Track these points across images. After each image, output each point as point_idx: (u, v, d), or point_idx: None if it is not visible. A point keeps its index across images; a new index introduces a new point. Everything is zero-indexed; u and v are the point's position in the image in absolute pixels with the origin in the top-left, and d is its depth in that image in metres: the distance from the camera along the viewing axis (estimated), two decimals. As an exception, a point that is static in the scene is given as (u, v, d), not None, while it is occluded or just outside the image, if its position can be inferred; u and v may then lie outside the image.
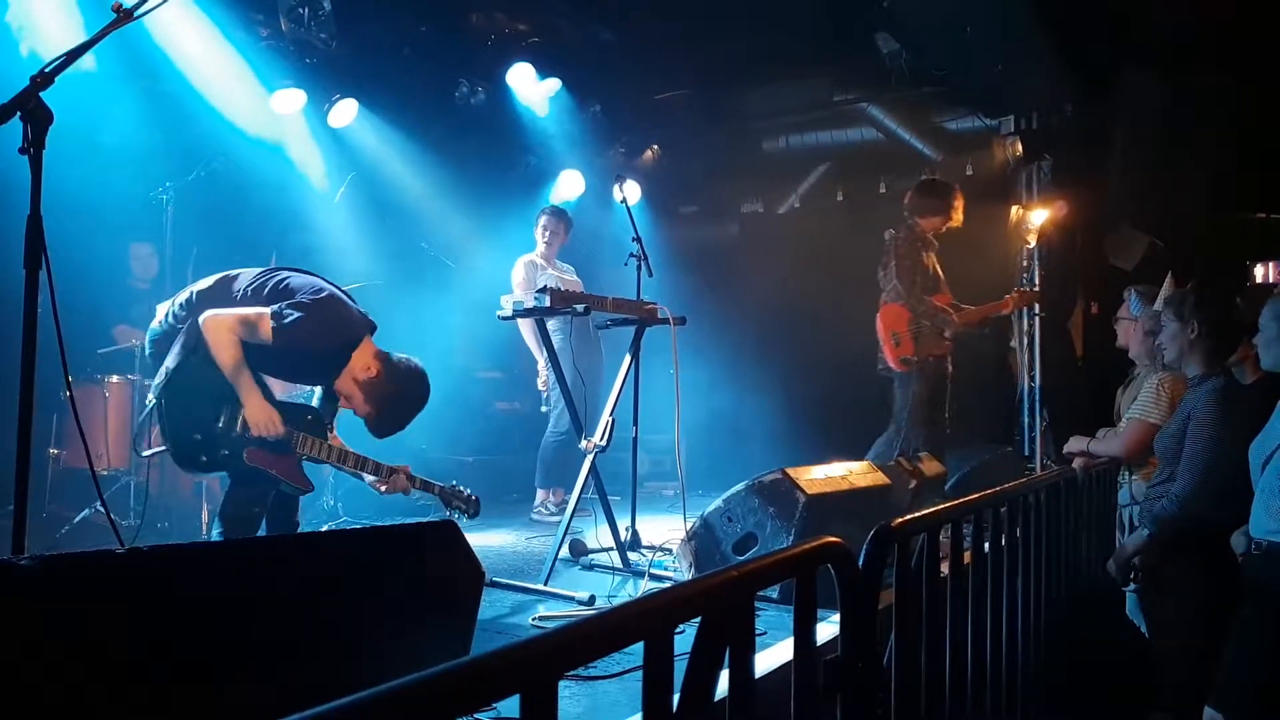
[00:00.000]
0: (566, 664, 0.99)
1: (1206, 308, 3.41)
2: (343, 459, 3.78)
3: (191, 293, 3.67)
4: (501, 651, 0.94)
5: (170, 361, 3.51)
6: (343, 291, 3.86)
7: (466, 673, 0.91)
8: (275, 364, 3.70)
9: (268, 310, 3.52)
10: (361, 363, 3.72)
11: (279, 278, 3.71)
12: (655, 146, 8.90)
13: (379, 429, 3.81)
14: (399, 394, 3.76)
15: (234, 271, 3.77)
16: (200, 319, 3.48)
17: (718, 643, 1.23)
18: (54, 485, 5.25)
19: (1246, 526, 2.94)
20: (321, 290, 3.71)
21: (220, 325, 3.46)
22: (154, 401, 3.46)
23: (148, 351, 3.79)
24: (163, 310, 3.73)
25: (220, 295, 3.64)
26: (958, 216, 5.59)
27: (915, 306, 5.41)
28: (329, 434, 3.83)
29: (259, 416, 3.50)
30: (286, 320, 3.50)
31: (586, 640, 1.02)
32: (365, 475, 3.83)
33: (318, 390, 4.03)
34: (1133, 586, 3.70)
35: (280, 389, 4.37)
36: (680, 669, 1.21)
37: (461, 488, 4.14)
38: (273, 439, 3.52)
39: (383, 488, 3.86)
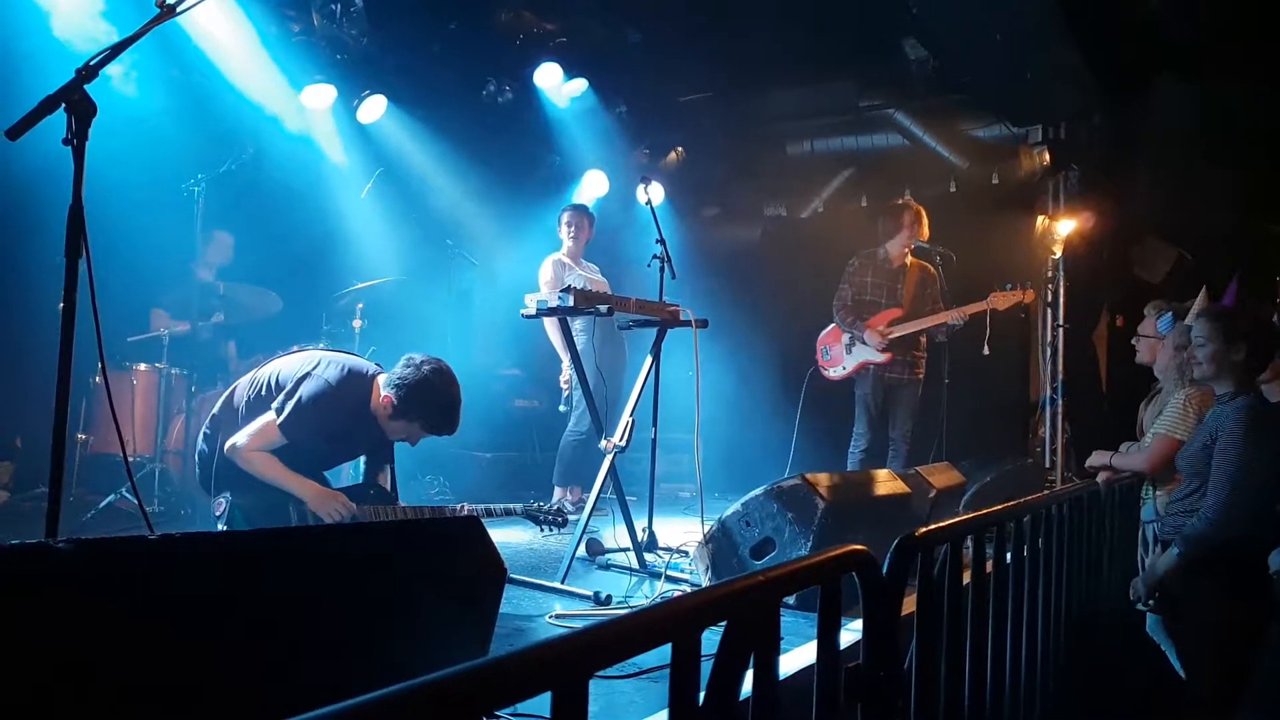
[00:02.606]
0: (597, 664, 1.01)
1: (1259, 334, 3.40)
2: (419, 516, 3.86)
3: (205, 426, 3.82)
4: (533, 649, 0.96)
5: (225, 497, 3.62)
6: (336, 349, 3.95)
7: (498, 670, 0.92)
8: (314, 454, 3.75)
9: (271, 414, 3.61)
10: (381, 404, 3.75)
11: (268, 374, 3.77)
12: (679, 148, 8.90)
13: (442, 435, 3.88)
14: (427, 407, 3.74)
15: (231, 387, 3.89)
16: (226, 453, 3.59)
17: (743, 647, 1.24)
18: (81, 469, 5.32)
19: None
20: (310, 363, 3.77)
21: (243, 450, 3.57)
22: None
23: (200, 485, 3.89)
24: (194, 452, 3.91)
25: (228, 417, 3.74)
26: (918, 228, 6.27)
27: (839, 324, 6.34)
28: (397, 500, 3.93)
29: (323, 504, 3.59)
30: (287, 415, 3.59)
31: (616, 641, 1.03)
32: None
33: (361, 463, 4.10)
34: (1152, 604, 3.67)
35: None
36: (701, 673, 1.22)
37: (540, 503, 4.12)
38: (349, 518, 3.60)
39: None
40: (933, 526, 1.95)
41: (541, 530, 4.14)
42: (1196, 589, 3.41)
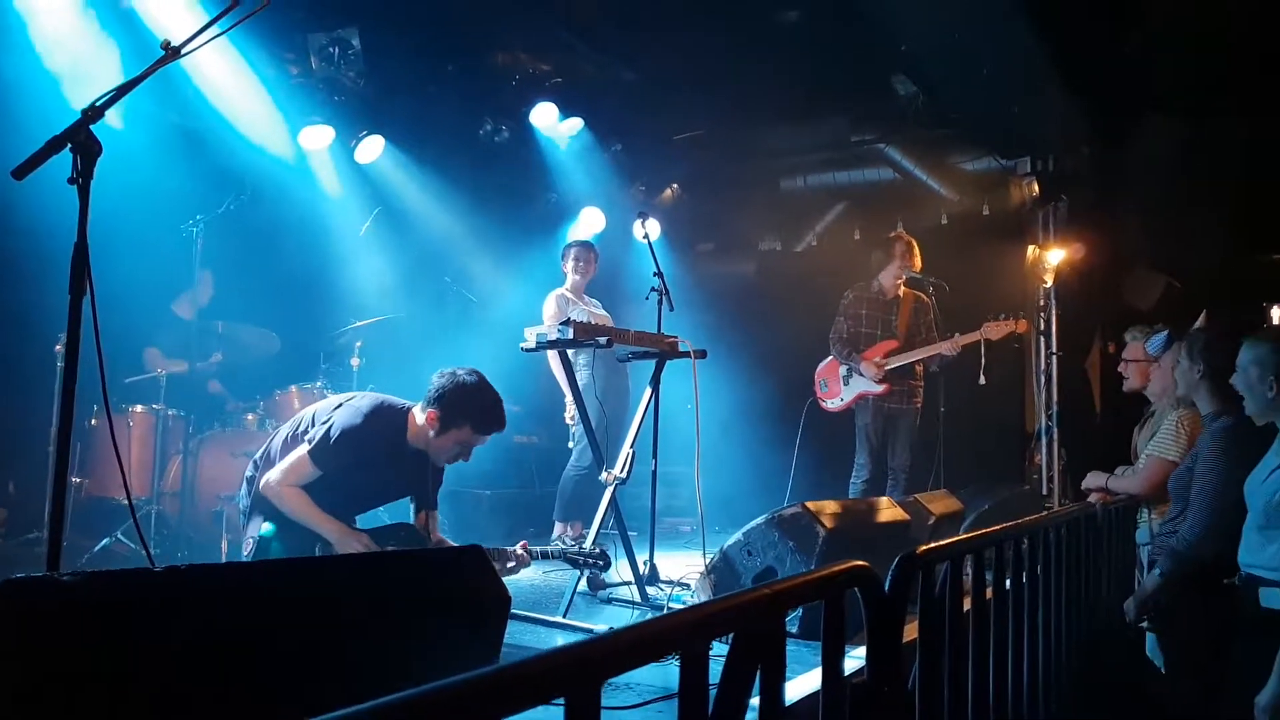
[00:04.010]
0: (608, 671, 1.02)
1: (1214, 351, 3.44)
2: None
3: (247, 469, 3.90)
4: (546, 656, 0.97)
5: (253, 529, 3.66)
6: (376, 393, 3.98)
7: (512, 675, 0.94)
8: (348, 492, 3.74)
9: (303, 446, 3.66)
10: (426, 424, 3.74)
11: (308, 413, 3.86)
12: (674, 185, 9.00)
13: (492, 433, 3.88)
14: (472, 408, 3.74)
15: (276, 430, 3.99)
16: (260, 490, 3.65)
17: (750, 658, 1.26)
18: (76, 513, 5.28)
19: None
20: (346, 398, 3.86)
21: (276, 485, 3.61)
22: None
23: (239, 521, 3.94)
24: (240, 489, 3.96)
25: (266, 461, 3.81)
26: (910, 259, 6.32)
27: (836, 357, 6.41)
28: (431, 538, 3.92)
29: (344, 543, 3.58)
30: (316, 444, 3.62)
31: (627, 649, 1.05)
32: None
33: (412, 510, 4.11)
34: (1145, 624, 3.68)
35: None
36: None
37: (583, 546, 4.07)
38: None
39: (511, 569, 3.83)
40: (933, 544, 1.97)
41: (583, 573, 4.12)
42: (1179, 607, 3.43)
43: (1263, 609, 2.78)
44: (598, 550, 4.03)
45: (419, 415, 3.76)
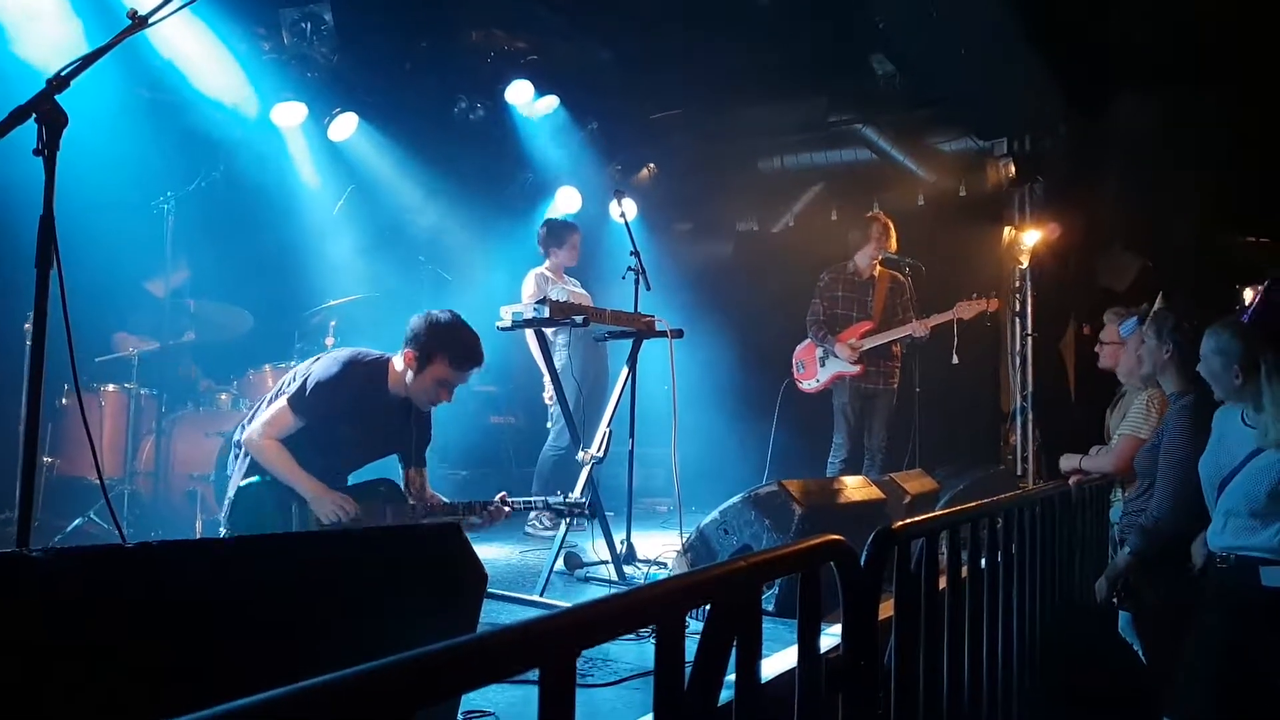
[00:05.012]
0: (584, 641, 1.02)
1: (1183, 331, 3.47)
2: (440, 511, 3.81)
3: (240, 425, 3.89)
4: (521, 626, 0.96)
5: (231, 489, 3.62)
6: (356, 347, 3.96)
7: (486, 645, 0.93)
8: (332, 445, 3.70)
9: (283, 397, 3.64)
10: (405, 366, 3.70)
11: (286, 377, 3.85)
12: (651, 165, 8.96)
13: (471, 369, 3.82)
14: (445, 340, 3.68)
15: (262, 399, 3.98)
16: (243, 443, 3.64)
17: (727, 628, 1.25)
18: (47, 494, 5.22)
19: (1203, 537, 3.01)
20: (322, 351, 3.90)
21: (255, 435, 3.59)
22: (226, 530, 3.56)
23: (226, 472, 3.93)
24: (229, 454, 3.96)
25: (254, 417, 3.80)
26: (886, 240, 6.37)
27: (813, 338, 6.45)
28: (415, 493, 3.90)
29: (327, 506, 3.54)
30: (295, 392, 3.61)
31: (603, 618, 1.04)
32: (471, 518, 3.79)
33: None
34: (1116, 601, 3.72)
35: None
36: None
37: (566, 496, 4.04)
38: (349, 520, 3.53)
39: (485, 525, 3.79)
40: (909, 520, 1.98)
41: (567, 522, 4.10)
42: (1148, 584, 3.47)
43: (1266, 589, 2.80)
44: (583, 500, 4.01)
45: (398, 362, 3.74)
